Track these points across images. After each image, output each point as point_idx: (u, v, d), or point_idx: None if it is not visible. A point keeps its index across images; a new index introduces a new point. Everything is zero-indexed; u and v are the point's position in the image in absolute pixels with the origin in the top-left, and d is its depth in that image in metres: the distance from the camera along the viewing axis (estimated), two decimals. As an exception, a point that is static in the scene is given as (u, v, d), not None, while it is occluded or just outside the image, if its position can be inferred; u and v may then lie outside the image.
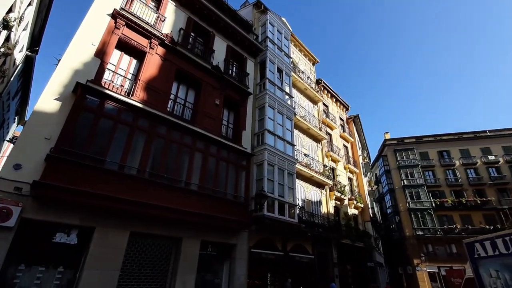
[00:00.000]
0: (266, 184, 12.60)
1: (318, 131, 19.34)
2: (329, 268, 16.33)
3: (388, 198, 37.10)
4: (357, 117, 29.35)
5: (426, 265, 30.64)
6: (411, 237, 32.17)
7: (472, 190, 32.85)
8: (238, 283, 10.72)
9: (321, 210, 17.55)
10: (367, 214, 23.54)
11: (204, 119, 11.56)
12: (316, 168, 17.79)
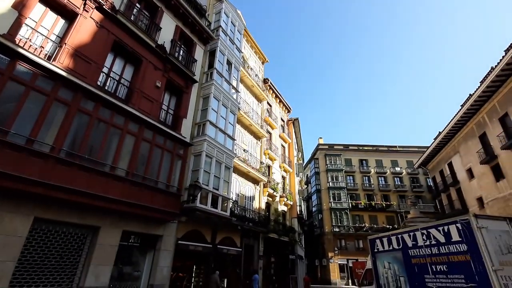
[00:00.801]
0: (202, 175, 12.36)
1: (259, 128, 19.87)
2: (255, 260, 17.04)
3: (315, 197, 40.65)
4: (297, 120, 31.22)
5: (338, 258, 34.73)
6: (329, 233, 35.98)
7: (380, 195, 38.49)
8: (160, 275, 10.30)
9: (253, 205, 18.13)
10: (295, 211, 25.32)
11: (141, 100, 10.66)
12: (254, 164, 18.28)
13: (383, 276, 8.79)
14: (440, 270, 6.71)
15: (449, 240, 6.53)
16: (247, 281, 15.63)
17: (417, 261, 7.48)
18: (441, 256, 6.75)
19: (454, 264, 6.34)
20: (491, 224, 6.05)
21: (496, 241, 5.84)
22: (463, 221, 6.21)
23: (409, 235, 7.96)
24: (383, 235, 9.25)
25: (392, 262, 8.46)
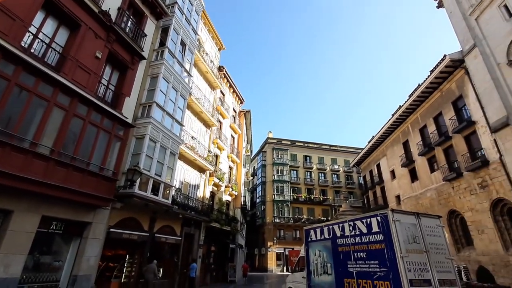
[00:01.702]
0: (143, 160, 11.60)
1: (210, 117, 19.44)
2: (194, 249, 16.86)
3: (260, 189, 41.91)
4: (249, 112, 31.47)
5: (276, 247, 36.66)
6: (270, 223, 37.62)
7: (319, 189, 41.62)
8: (86, 265, 9.43)
9: (197, 193, 17.81)
10: (239, 201, 25.72)
11: (76, 70, 9.40)
12: (201, 152, 17.88)
13: (313, 263, 9.55)
14: (360, 257, 7.56)
15: (370, 231, 7.38)
16: (184, 270, 15.40)
17: (343, 249, 8.29)
18: (362, 244, 7.59)
19: (371, 251, 7.20)
20: (403, 217, 7.02)
21: (406, 232, 6.80)
22: (382, 214, 7.07)
23: (338, 226, 8.74)
24: (317, 226, 10.00)
25: (322, 250, 9.24)
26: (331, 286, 8.40)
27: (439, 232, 7.38)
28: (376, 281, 6.89)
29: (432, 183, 21.21)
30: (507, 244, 15.09)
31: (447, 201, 19.39)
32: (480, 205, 16.55)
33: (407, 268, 6.29)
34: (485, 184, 16.23)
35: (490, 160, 15.83)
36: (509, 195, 14.45)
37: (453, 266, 7.13)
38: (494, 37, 15.43)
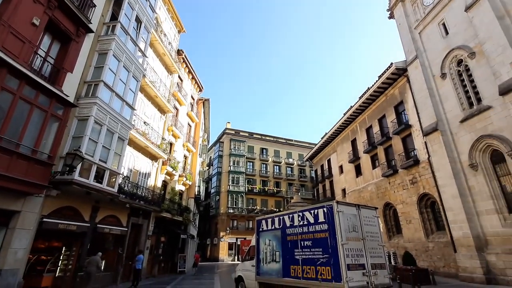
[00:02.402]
0: (86, 144, 10.59)
1: (166, 102, 18.48)
2: (142, 240, 16.11)
3: (215, 179, 41.61)
4: (208, 100, 30.73)
5: (229, 237, 37.05)
6: (224, 214, 37.77)
7: (274, 181, 42.94)
8: (12, 259, 8.37)
9: (148, 182, 16.95)
10: (193, 191, 25.20)
11: (7, 37, 8.06)
12: (154, 139, 16.96)
13: (263, 252, 9.88)
14: (306, 245, 8.04)
15: (316, 221, 7.87)
16: (130, 262, 14.66)
17: (291, 238, 8.72)
18: (309, 234, 8.07)
19: (317, 240, 7.71)
20: (346, 209, 7.63)
21: (347, 222, 7.42)
22: (328, 206, 7.59)
23: (288, 216, 9.15)
24: (268, 216, 10.31)
25: (272, 239, 9.59)
26: (278, 272, 8.81)
27: (375, 222, 8.20)
28: (318, 266, 7.42)
29: (373, 178, 23.41)
30: (428, 232, 17.53)
31: (384, 195, 21.65)
32: (410, 199, 18.85)
33: (346, 254, 6.89)
34: (415, 181, 18.49)
35: (420, 160, 18.03)
36: (433, 191, 16.70)
37: (384, 251, 8.01)
38: (432, 51, 17.38)
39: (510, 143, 12.27)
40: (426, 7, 18.08)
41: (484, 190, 13.41)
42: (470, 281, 12.98)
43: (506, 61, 12.31)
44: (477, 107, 14.13)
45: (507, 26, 12.63)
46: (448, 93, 15.95)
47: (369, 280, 7.02)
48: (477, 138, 13.83)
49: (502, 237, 12.48)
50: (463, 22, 15.13)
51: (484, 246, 13.11)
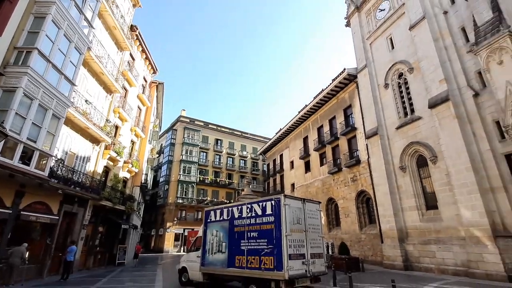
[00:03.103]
0: (11, 119, 9.17)
1: (113, 81, 16.88)
2: (76, 229, 14.67)
3: (165, 168, 39.83)
4: (162, 84, 29.03)
5: (176, 228, 36.03)
6: (172, 204, 36.54)
7: (226, 173, 42.89)
8: None
9: (87, 167, 15.42)
10: (139, 179, 23.76)
11: None
12: (97, 120, 15.42)
13: (210, 242, 9.84)
14: (252, 236, 8.23)
15: (264, 213, 8.10)
16: (60, 253, 13.25)
17: (239, 229, 8.84)
18: (256, 225, 8.27)
19: (263, 231, 7.95)
20: (292, 202, 8.01)
21: (292, 215, 7.80)
22: (276, 199, 7.87)
23: (237, 208, 9.24)
24: (217, 207, 10.27)
25: (219, 230, 9.59)
26: (223, 263, 8.89)
27: (317, 215, 8.77)
28: (263, 256, 7.68)
29: (320, 174, 24.99)
30: (361, 225, 19.47)
31: (328, 190, 23.32)
32: (350, 195, 20.64)
33: (289, 245, 7.26)
34: (355, 178, 20.28)
35: (361, 160, 19.80)
36: (369, 188, 18.53)
37: (323, 242, 8.65)
38: (379, 62, 19.05)
39: (432, 150, 14.21)
40: (378, 21, 19.67)
41: (409, 190, 15.36)
42: (391, 268, 14.85)
43: (436, 79, 14.12)
44: (410, 117, 16.00)
45: (440, 48, 14.46)
46: (388, 102, 17.72)
47: (308, 269, 7.53)
48: (407, 144, 15.70)
49: (419, 230, 14.50)
50: (406, 39, 16.85)
51: (405, 238, 15.09)
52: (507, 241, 10.70)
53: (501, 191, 11.27)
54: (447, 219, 13.15)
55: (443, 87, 13.68)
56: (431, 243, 13.58)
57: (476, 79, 12.96)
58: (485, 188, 11.62)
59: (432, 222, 13.92)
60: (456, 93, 13.35)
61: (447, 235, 12.98)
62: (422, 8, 15.66)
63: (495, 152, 11.71)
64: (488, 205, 11.33)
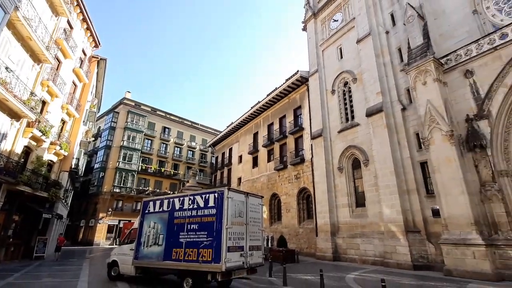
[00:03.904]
0: None
1: (43, 48, 14.56)
2: (-20, 218, 12.38)
3: (102, 153, 36.24)
4: (105, 60, 26.22)
5: (110, 219, 33.24)
6: (108, 193, 33.55)
7: (172, 163, 41.08)
8: None
9: (1, 145, 13.10)
10: (68, 164, 21.16)
11: None
12: (19, 92, 13.15)
13: (146, 235, 9.30)
14: (192, 228, 8.05)
15: (206, 205, 7.97)
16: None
17: (179, 221, 8.55)
18: (197, 217, 8.10)
19: (203, 223, 7.83)
20: (235, 195, 8.05)
21: (235, 208, 7.85)
22: (220, 191, 7.81)
23: (179, 199, 8.91)
24: (157, 198, 9.76)
25: (157, 222, 9.13)
26: (159, 256, 8.51)
27: (259, 209, 9.00)
28: (201, 249, 7.58)
29: (266, 170, 25.73)
30: (300, 220, 20.74)
31: (273, 186, 24.19)
32: (292, 191, 21.75)
33: (228, 237, 7.29)
34: (299, 176, 21.44)
35: (306, 159, 21.00)
36: (310, 186, 19.78)
37: (262, 235, 8.92)
38: (329, 69, 20.34)
39: (365, 154, 15.82)
40: (331, 30, 20.95)
41: (344, 189, 16.87)
42: (322, 259, 16.18)
43: (374, 91, 15.70)
44: (351, 123, 17.52)
45: (380, 64, 16.08)
46: (334, 107, 19.09)
47: (245, 260, 7.69)
48: (346, 147, 17.19)
49: (349, 225, 16.07)
50: (353, 52, 18.31)
51: (336, 232, 16.57)
52: (415, 236, 12.58)
53: (414, 193, 13.18)
54: (371, 215, 14.84)
55: (379, 99, 15.29)
56: (357, 236, 15.19)
57: (405, 95, 14.80)
58: (403, 190, 13.42)
59: (360, 218, 15.55)
60: (389, 105, 15.06)
61: (371, 230, 14.66)
62: (369, 25, 17.17)
63: (413, 160, 13.61)
64: (403, 205, 13.13)
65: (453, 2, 14.03)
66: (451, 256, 10.42)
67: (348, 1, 19.67)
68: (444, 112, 11.62)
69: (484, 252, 9.63)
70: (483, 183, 10.68)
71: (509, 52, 10.82)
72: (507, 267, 9.46)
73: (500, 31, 11.42)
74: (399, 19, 15.96)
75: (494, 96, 11.01)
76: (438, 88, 12.08)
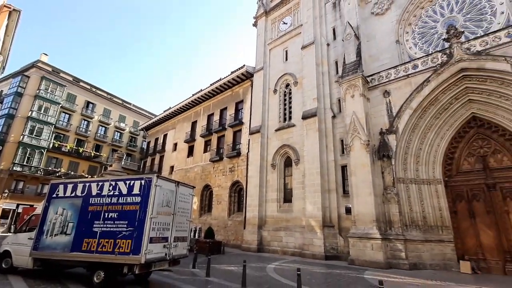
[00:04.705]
0: None
1: None
2: None
3: (2, 123, 29.77)
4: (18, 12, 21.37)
5: (6, 202, 27.74)
6: (4, 171, 27.84)
7: (94, 143, 36.49)
8: None
9: None
10: None
11: None
12: None
13: (51, 222, 8.05)
14: (110, 217, 7.29)
15: (130, 193, 7.31)
16: None
17: (94, 208, 7.65)
18: (117, 205, 7.37)
19: (124, 212, 7.17)
20: (165, 184, 7.61)
21: (163, 197, 7.41)
22: (147, 178, 7.26)
23: (97, 184, 7.96)
24: (69, 181, 8.54)
25: (67, 208, 7.98)
26: (65, 246, 7.50)
27: (189, 199, 8.72)
28: (119, 240, 6.94)
29: (201, 161, 25.19)
30: (230, 212, 21.03)
31: (207, 177, 23.85)
32: (225, 184, 21.85)
33: (152, 227, 6.86)
34: (233, 169, 21.65)
35: (242, 153, 21.31)
36: (243, 180, 20.20)
37: (189, 226, 8.69)
38: (274, 69, 21.00)
39: (297, 154, 16.96)
40: (280, 32, 21.63)
41: (274, 184, 17.77)
42: (248, 250, 16.77)
43: (311, 96, 16.90)
44: (287, 123, 18.50)
45: (319, 72, 17.36)
46: (274, 106, 19.84)
47: (168, 252, 7.37)
48: (281, 145, 18.10)
49: (275, 219, 17.03)
50: (298, 56, 19.30)
51: (263, 225, 17.38)
52: (329, 230, 14.14)
53: (333, 192, 14.77)
54: (296, 211, 16.03)
55: (314, 104, 16.54)
56: (281, 230, 16.24)
57: (336, 104, 16.37)
58: (325, 189, 14.89)
59: (285, 213, 16.64)
60: (322, 111, 16.44)
61: (294, 224, 15.85)
62: (314, 34, 18.33)
63: (336, 163, 15.20)
64: (324, 202, 14.59)
65: (383, 30, 16.09)
66: (356, 248, 12.07)
67: (298, 8, 20.59)
68: (364, 124, 13.28)
69: (380, 244, 11.44)
70: (385, 187, 12.64)
71: (417, 80, 12.99)
72: (395, 257, 11.46)
73: (413, 62, 13.60)
74: (339, 35, 17.48)
75: (402, 115, 13.09)
76: (363, 102, 13.72)
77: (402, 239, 11.54)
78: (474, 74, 11.56)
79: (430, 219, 12.09)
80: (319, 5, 19.29)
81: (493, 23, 12.86)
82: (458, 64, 11.78)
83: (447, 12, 14.61)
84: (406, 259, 11.23)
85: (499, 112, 11.41)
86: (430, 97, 12.53)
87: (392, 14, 16.10)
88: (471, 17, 13.68)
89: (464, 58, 11.66)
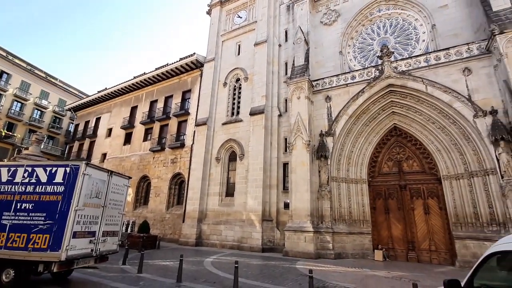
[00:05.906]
0: None
1: None
2: None
3: None
4: None
5: None
6: None
7: (6, 121, 30.61)
8: None
9: None
10: None
11: None
12: None
13: None
14: (24, 208, 6.27)
15: (50, 181, 6.38)
16: None
17: (3, 197, 6.50)
18: (34, 194, 6.37)
19: (43, 203, 6.23)
20: (95, 173, 6.84)
21: (92, 187, 6.65)
22: (74, 166, 6.42)
23: (9, 169, 6.75)
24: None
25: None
26: (-41, 243, 6.14)
27: (123, 191, 8.03)
28: (33, 234, 6.03)
29: (140, 150, 23.44)
30: (169, 205, 20.14)
31: (145, 168, 22.32)
32: (166, 175, 20.80)
33: (76, 221, 6.12)
34: (175, 161, 20.74)
35: (186, 144, 20.55)
36: (185, 172, 19.53)
37: (121, 220, 8.02)
38: (225, 61, 20.70)
39: (243, 149, 17.15)
40: (234, 25, 21.40)
41: (217, 178, 17.66)
42: (185, 244, 16.34)
43: (261, 94, 17.25)
44: (235, 118, 18.52)
45: (269, 71, 17.80)
46: (223, 99, 19.61)
47: (95, 248, 6.68)
48: (227, 139, 18.06)
49: (216, 212, 16.96)
50: (250, 52, 19.40)
51: (203, 219, 17.14)
52: (267, 224, 14.76)
53: (274, 188, 15.43)
54: (237, 205, 16.24)
55: (263, 102, 16.92)
56: (222, 223, 16.27)
57: (283, 104, 17.05)
58: (266, 184, 15.43)
59: (227, 206, 16.72)
60: (269, 109, 16.93)
61: (234, 218, 16.04)
62: (267, 33, 18.68)
63: (279, 160, 15.89)
64: (264, 197, 15.12)
65: (329, 40, 17.32)
66: (290, 240, 12.88)
67: (254, 4, 20.65)
68: (307, 125, 14.16)
69: (312, 237, 12.43)
70: (321, 185, 13.75)
71: (354, 90, 14.39)
72: (323, 248, 12.60)
73: (352, 73, 15.01)
74: (291, 37, 18.17)
75: (340, 120, 14.38)
76: (307, 104, 14.60)
77: (331, 232, 12.76)
78: (398, 90, 13.37)
79: (355, 214, 13.62)
80: (274, 5, 19.71)
81: (416, 48, 15.04)
82: (387, 80, 13.46)
83: (382, 32, 16.49)
84: (333, 250, 12.47)
85: (413, 125, 13.46)
86: (363, 106, 14.02)
87: (338, 26, 17.43)
88: (400, 40, 15.73)
89: (392, 75, 13.37)
